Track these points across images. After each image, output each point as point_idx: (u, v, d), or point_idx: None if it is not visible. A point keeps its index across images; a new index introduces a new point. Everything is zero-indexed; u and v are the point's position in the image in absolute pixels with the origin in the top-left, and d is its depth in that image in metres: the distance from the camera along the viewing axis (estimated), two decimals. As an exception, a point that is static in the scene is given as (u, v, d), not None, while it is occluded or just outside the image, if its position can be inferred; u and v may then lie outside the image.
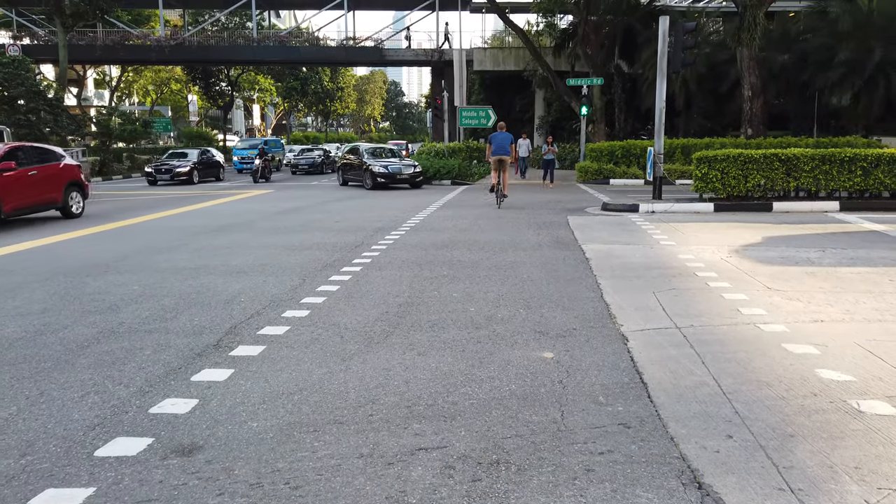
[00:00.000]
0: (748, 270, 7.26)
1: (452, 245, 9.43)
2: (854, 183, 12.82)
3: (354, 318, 5.56)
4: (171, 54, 41.15)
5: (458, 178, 23.53)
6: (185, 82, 57.29)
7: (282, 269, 7.72)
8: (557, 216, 12.76)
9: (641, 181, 20.52)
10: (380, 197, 18.10)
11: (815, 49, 24.70)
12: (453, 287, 6.73)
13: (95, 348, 4.82)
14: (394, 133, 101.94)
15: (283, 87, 66.34)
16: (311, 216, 13.61)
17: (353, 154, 23.58)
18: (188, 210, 15.33)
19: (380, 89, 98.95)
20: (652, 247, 9.02)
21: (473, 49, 39.93)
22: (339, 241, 9.93)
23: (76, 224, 12.67)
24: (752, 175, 12.97)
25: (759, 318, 5.38)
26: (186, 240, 10.35)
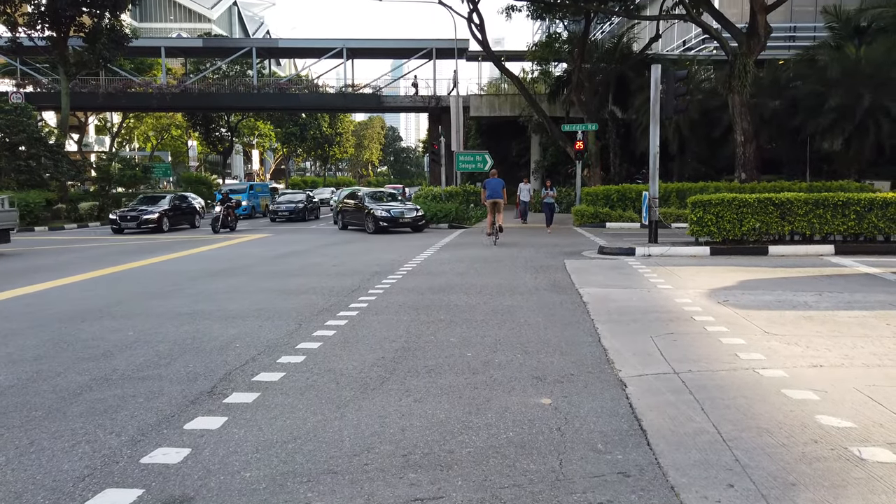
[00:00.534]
0: (745, 315, 7.25)
1: (450, 289, 9.42)
2: (848, 227, 12.91)
3: (350, 364, 5.51)
4: (172, 101, 41.79)
5: (455, 222, 23.66)
6: (185, 128, 58.02)
7: (278, 314, 7.69)
8: (554, 260, 12.79)
9: (637, 224, 20.65)
10: (377, 241, 18.16)
11: (805, 95, 25.19)
12: (450, 331, 6.70)
13: (88, 396, 4.77)
14: (391, 177, 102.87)
15: (282, 133, 67.22)
16: (309, 260, 13.62)
17: (353, 198, 23.63)
18: (185, 255, 15.34)
19: (378, 134, 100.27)
20: (649, 290, 9.02)
21: (470, 95, 40.65)
22: (337, 285, 9.92)
23: (72, 269, 12.65)
24: (746, 219, 13.06)
25: (758, 363, 5.35)
26: (183, 284, 10.32)
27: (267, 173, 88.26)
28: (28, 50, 32.60)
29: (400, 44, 44.69)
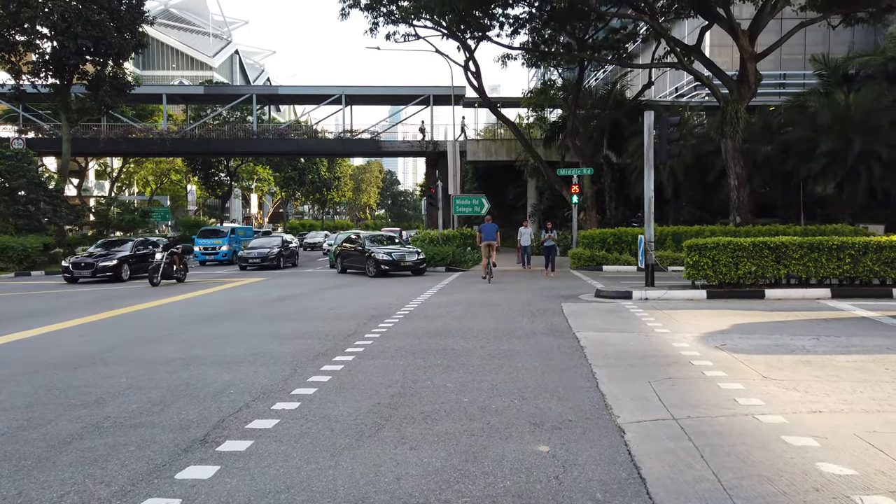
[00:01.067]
0: (743, 359, 7.22)
1: (446, 333, 9.38)
2: (843, 270, 12.96)
3: (345, 410, 5.45)
4: (172, 147, 42.26)
5: (452, 265, 23.69)
6: (184, 173, 58.55)
7: (273, 359, 7.63)
8: (551, 303, 12.77)
9: (634, 268, 20.70)
10: (374, 284, 18.14)
11: (796, 140, 25.57)
12: (447, 376, 6.64)
13: (79, 444, 4.69)
14: (389, 220, 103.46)
15: (280, 177, 67.84)
16: (305, 304, 13.58)
17: (353, 241, 23.56)
18: (182, 299, 15.29)
19: (376, 178, 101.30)
20: (646, 334, 8.99)
21: (467, 140, 41.20)
22: (333, 329, 9.87)
23: (67, 314, 12.59)
24: (742, 262, 13.11)
25: (757, 408, 5.30)
26: (178, 329, 10.27)
27: (265, 217, 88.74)
28: (31, 97, 33.12)
29: (398, 90, 45.52)
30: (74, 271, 20.51)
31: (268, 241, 28.04)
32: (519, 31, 29.42)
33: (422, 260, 21.65)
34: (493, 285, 17.10)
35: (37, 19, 27.70)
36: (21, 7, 26.94)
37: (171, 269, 19.02)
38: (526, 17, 28.55)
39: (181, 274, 19.62)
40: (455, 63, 31.30)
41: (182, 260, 19.74)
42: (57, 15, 27.15)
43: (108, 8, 28.31)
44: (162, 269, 18.39)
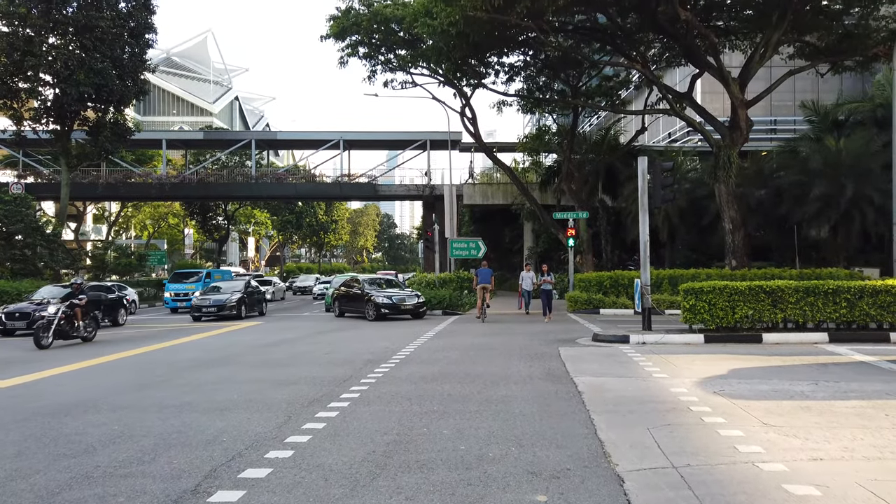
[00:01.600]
0: (742, 405, 7.15)
1: (443, 378, 9.30)
2: (840, 314, 12.95)
3: (340, 459, 5.36)
4: (171, 191, 42.54)
5: (448, 309, 23.60)
6: (182, 216, 58.77)
7: (267, 406, 7.54)
8: (548, 347, 12.69)
9: (631, 311, 20.65)
10: (371, 328, 18.04)
11: (789, 185, 25.86)
12: (443, 423, 6.56)
13: (67, 495, 4.59)
14: (386, 264, 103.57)
15: (278, 221, 68.15)
16: (301, 349, 13.48)
17: (351, 285, 23.42)
18: (177, 343, 15.17)
19: (373, 222, 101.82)
20: (644, 379, 8.93)
21: (463, 184, 41.59)
22: (328, 374, 9.78)
23: (61, 359, 12.46)
24: (739, 306, 13.10)
25: (757, 456, 5.23)
26: (171, 375, 10.16)
27: (262, 260, 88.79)
28: (31, 142, 33.45)
29: (395, 136, 46.15)
30: (7, 322, 17.99)
31: (228, 286, 24.38)
32: (514, 79, 30.04)
33: (422, 303, 21.56)
34: (490, 329, 17.04)
35: (40, 67, 28.17)
36: (25, 55, 27.43)
37: (69, 325, 15.01)
38: (521, 65, 29.18)
39: (88, 332, 15.71)
40: (452, 109, 31.87)
41: (90, 313, 15.99)
42: (60, 63, 27.63)
43: (111, 56, 28.83)
44: (55, 326, 14.57)
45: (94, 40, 28.16)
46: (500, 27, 22.19)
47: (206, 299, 23.00)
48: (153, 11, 30.93)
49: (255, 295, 24.81)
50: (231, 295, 23.07)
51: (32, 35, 27.81)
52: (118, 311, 21.33)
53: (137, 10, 30.06)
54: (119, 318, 21.15)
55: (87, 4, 28.40)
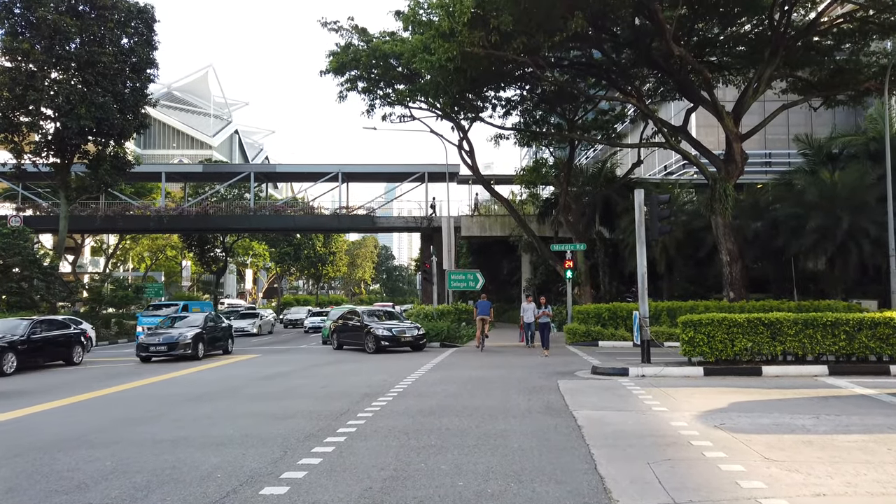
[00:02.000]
0: (743, 439, 7.08)
1: (441, 412, 9.21)
2: (839, 347, 12.90)
3: (336, 495, 5.28)
4: (169, 223, 42.57)
5: (447, 341, 23.46)
6: (180, 249, 58.79)
7: (262, 441, 7.44)
8: (547, 380, 12.60)
9: (630, 343, 20.56)
10: (368, 361, 17.91)
11: (785, 217, 25.96)
12: (441, 458, 6.47)
13: (57, 533, 4.50)
14: (384, 295, 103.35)
15: (276, 253, 68.16)
16: (298, 382, 13.36)
17: (350, 317, 23.24)
18: (172, 377, 15.05)
19: (371, 253, 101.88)
20: (644, 413, 8.85)
21: (461, 216, 41.73)
22: (324, 408, 9.68)
23: (54, 394, 12.33)
24: (738, 339, 13.05)
25: (760, 492, 5.16)
26: (166, 409, 10.05)
27: (260, 292, 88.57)
28: (31, 175, 33.59)
29: (393, 168, 46.44)
30: None
31: (185, 321, 21.11)
32: (511, 113, 30.38)
33: (422, 335, 21.43)
34: (488, 361, 16.94)
35: (42, 101, 28.44)
36: (27, 90, 27.73)
37: None
38: (517, 99, 29.55)
39: None
40: (449, 142, 32.14)
41: None
42: (62, 97, 27.91)
43: (112, 91, 29.14)
44: None
45: (96, 75, 28.50)
46: (497, 63, 22.53)
47: (156, 337, 19.54)
48: (155, 47, 31.38)
49: (217, 330, 21.50)
50: (185, 331, 19.74)
51: (35, 70, 28.13)
52: (73, 347, 19.10)
53: (139, 47, 30.51)
54: (74, 356, 18.95)
55: (90, 40, 28.81)
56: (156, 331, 20.44)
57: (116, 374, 16.00)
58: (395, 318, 23.35)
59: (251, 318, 37.10)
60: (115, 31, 29.65)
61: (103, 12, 29.02)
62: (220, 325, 22.06)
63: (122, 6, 29.82)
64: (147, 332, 20.95)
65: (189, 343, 19.25)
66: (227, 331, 22.38)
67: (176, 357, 19.26)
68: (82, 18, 28.66)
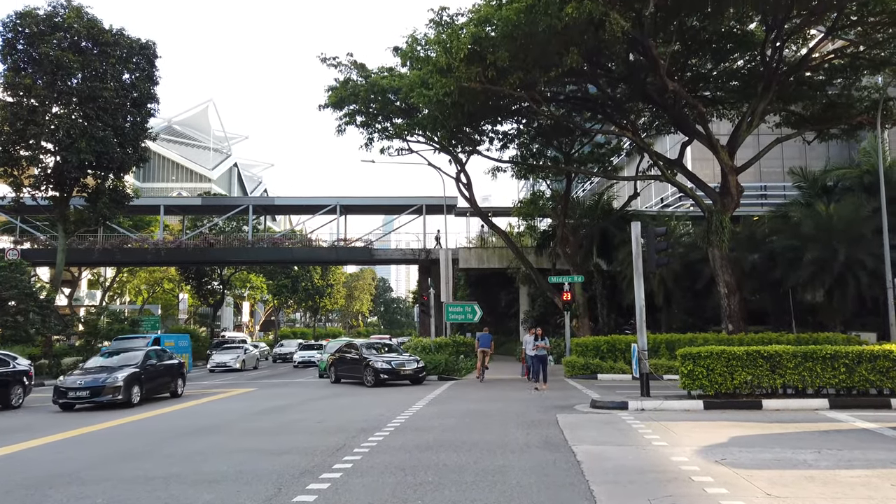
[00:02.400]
0: (745, 474, 6.99)
1: (438, 447, 9.09)
2: (840, 380, 12.82)
3: (331, 535, 5.17)
4: (167, 256, 42.57)
5: (444, 374, 23.28)
6: (178, 281, 58.66)
7: (257, 477, 7.33)
8: (546, 414, 12.47)
9: (629, 376, 20.38)
10: (365, 394, 17.73)
11: (782, 249, 26.04)
12: (438, 495, 6.37)
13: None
14: (381, 328, 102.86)
15: (273, 285, 68.00)
16: (293, 416, 13.21)
17: (349, 349, 23.03)
18: (165, 412, 14.87)
19: (368, 286, 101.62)
20: (644, 448, 8.74)
21: (459, 248, 41.79)
22: (320, 444, 9.55)
23: (44, 430, 12.16)
24: (737, 372, 12.97)
25: (762, 529, 5.07)
26: (160, 445, 9.91)
27: (257, 325, 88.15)
28: (30, 209, 33.63)
29: (391, 201, 46.67)
30: None
31: (119, 358, 17.45)
32: (508, 146, 30.64)
33: (422, 368, 21.24)
34: (487, 395, 16.79)
35: (42, 136, 28.62)
36: (28, 125, 27.93)
37: None
38: (514, 132, 29.83)
39: None
40: (447, 175, 32.35)
41: None
42: (63, 132, 28.10)
43: (112, 125, 29.35)
44: None
45: (97, 110, 28.74)
46: (494, 97, 22.81)
47: (79, 379, 15.92)
48: (156, 82, 31.72)
49: (160, 369, 17.84)
50: (116, 373, 16.03)
51: (36, 105, 28.37)
52: (12, 387, 16.48)
53: (141, 82, 30.84)
54: (12, 398, 16.35)
55: (92, 76, 29.11)
56: (80, 374, 16.50)
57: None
58: (394, 351, 23.20)
59: (233, 351, 35.14)
60: (117, 67, 29.99)
61: (105, 48, 29.40)
62: (164, 363, 18.26)
63: (125, 42, 30.22)
64: (67, 376, 17.03)
65: (119, 387, 15.61)
66: (174, 369, 18.67)
67: (101, 405, 15.71)
68: (84, 54, 29.02)
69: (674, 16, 20.83)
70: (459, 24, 20.94)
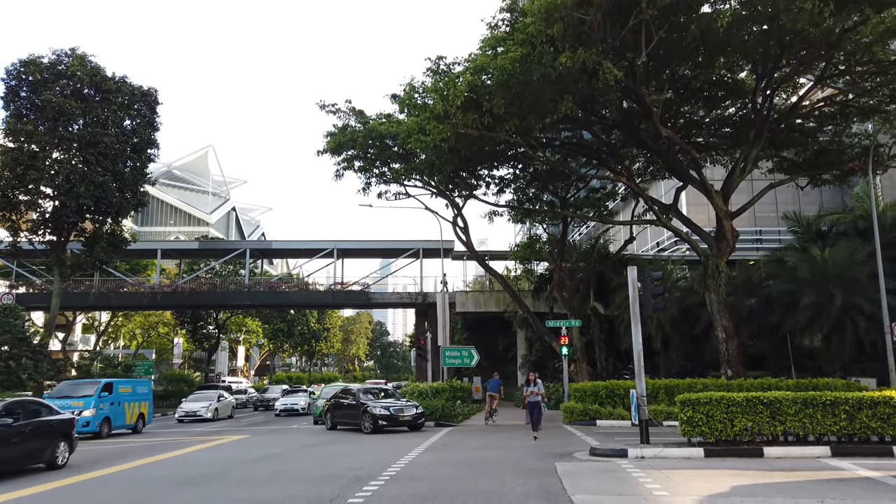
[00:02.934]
0: (747, 526, 6.85)
1: (434, 497, 8.91)
2: (840, 427, 12.67)
3: (324, 591, 5.03)
4: (163, 300, 42.38)
5: (442, 419, 22.97)
6: (173, 326, 58.28)
7: (249, 530, 7.16)
8: (544, 462, 12.27)
9: (628, 422, 20.12)
10: (361, 441, 17.45)
11: (779, 294, 26.02)
12: (434, 550, 6.22)
13: None
14: (378, 372, 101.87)
15: (269, 329, 67.55)
16: (286, 465, 12.97)
17: (345, 395, 22.73)
18: (156, 460, 14.60)
19: (365, 329, 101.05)
20: (644, 497, 8.59)
21: (456, 292, 41.72)
22: (314, 494, 9.36)
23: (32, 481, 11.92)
24: (737, 418, 12.83)
25: (766, 584, 4.95)
26: (151, 494, 9.70)
27: (252, 369, 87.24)
28: (26, 253, 33.55)
29: (388, 244, 46.81)
30: None
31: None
32: (504, 190, 30.92)
33: (420, 414, 20.93)
34: (484, 442, 16.55)
35: (42, 181, 28.77)
36: (28, 170, 28.10)
37: None
38: (510, 177, 30.15)
39: None
40: (444, 219, 32.54)
41: None
42: (62, 177, 28.28)
43: (112, 170, 29.56)
44: None
45: (98, 155, 28.98)
46: (490, 143, 23.14)
47: None
48: (157, 128, 32.11)
49: (25, 432, 12.74)
50: None
51: (37, 150, 28.62)
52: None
53: (141, 128, 31.22)
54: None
55: (94, 122, 29.48)
56: None
57: None
58: (392, 397, 22.92)
59: (205, 399, 30.87)
60: (119, 113, 30.40)
61: (108, 95, 29.86)
62: (32, 422, 13.08)
63: (127, 89, 30.71)
64: None
65: None
66: (52, 430, 13.55)
67: None
68: (87, 101, 29.45)
69: (665, 65, 21.31)
70: (456, 72, 21.38)
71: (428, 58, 22.93)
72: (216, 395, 31.75)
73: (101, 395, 22.02)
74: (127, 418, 23.24)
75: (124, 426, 23.10)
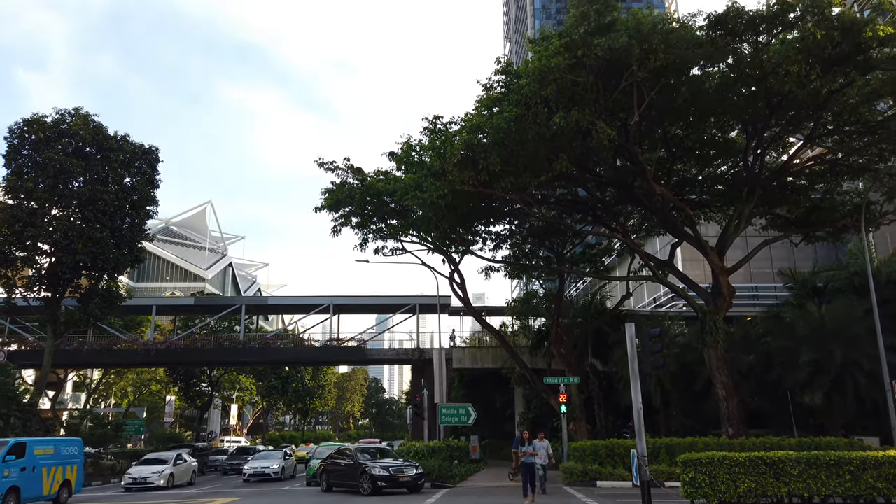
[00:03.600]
0: None
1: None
2: (846, 488, 12.42)
3: None
4: (157, 357, 41.80)
5: (438, 480, 22.40)
6: (165, 383, 57.42)
7: None
8: (544, 528, 11.92)
9: (629, 483, 19.72)
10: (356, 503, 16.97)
11: (777, 350, 25.86)
12: None
13: None
14: (373, 430, 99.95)
15: (263, 386, 66.58)
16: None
17: (340, 455, 22.24)
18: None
19: (361, 386, 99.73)
20: (648, 566, 8.31)
21: (453, 348, 41.36)
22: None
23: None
24: (740, 479, 12.58)
25: None
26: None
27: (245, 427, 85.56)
28: (20, 309, 33.26)
29: (384, 300, 46.64)
30: None
31: None
32: (501, 246, 31.07)
33: (420, 475, 20.38)
34: (481, 506, 16.10)
35: (40, 237, 28.76)
36: (26, 227, 28.12)
37: None
38: (507, 233, 30.35)
39: None
40: (441, 274, 32.53)
41: None
42: (60, 233, 28.28)
43: (110, 227, 29.62)
44: None
45: (97, 212, 29.06)
46: (487, 199, 23.40)
47: None
48: (157, 185, 32.34)
49: None
50: None
51: (36, 208, 28.73)
52: None
53: (141, 185, 31.45)
54: None
55: (94, 179, 29.70)
56: None
57: None
58: (390, 456, 22.36)
59: (158, 464, 26.84)
60: (119, 171, 30.63)
61: (109, 153, 30.15)
62: None
63: (128, 148, 31.07)
64: None
65: None
66: None
67: None
68: (88, 159, 29.73)
69: (658, 125, 21.78)
70: (453, 131, 21.80)
71: (425, 117, 23.45)
72: (173, 457, 27.76)
73: (7, 458, 17.40)
74: (45, 488, 18.65)
75: (40, 498, 18.56)
